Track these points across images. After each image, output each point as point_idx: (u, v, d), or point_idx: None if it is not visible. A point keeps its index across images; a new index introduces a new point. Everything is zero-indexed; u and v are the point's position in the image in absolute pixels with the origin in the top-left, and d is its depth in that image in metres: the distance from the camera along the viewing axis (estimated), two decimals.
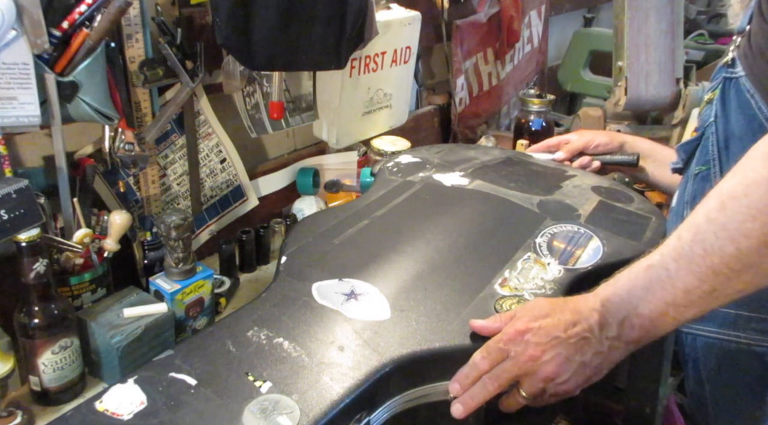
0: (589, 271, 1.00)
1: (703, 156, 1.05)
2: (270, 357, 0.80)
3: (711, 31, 2.81)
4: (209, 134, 1.32)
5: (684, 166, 1.14)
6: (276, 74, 1.35)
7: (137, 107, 1.15)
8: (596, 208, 1.19)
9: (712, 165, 1.02)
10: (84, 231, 1.05)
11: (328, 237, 1.07)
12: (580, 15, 2.80)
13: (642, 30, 1.74)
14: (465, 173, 1.31)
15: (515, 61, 2.33)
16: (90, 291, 1.09)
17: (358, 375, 0.78)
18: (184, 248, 1.10)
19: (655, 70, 1.75)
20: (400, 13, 1.60)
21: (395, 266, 0.99)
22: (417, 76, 1.95)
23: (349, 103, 1.53)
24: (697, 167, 1.06)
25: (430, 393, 0.85)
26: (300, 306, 0.90)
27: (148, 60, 1.12)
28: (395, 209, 1.16)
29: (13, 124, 0.94)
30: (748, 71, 0.95)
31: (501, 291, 0.94)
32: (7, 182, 0.91)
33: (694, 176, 1.07)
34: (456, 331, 0.86)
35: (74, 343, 0.98)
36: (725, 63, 1.02)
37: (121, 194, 1.19)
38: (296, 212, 1.51)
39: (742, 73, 0.96)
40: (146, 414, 0.72)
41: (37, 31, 0.92)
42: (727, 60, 1.01)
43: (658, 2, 1.73)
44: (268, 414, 0.72)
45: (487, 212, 1.16)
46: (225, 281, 1.29)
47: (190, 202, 1.33)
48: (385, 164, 1.36)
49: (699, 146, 1.08)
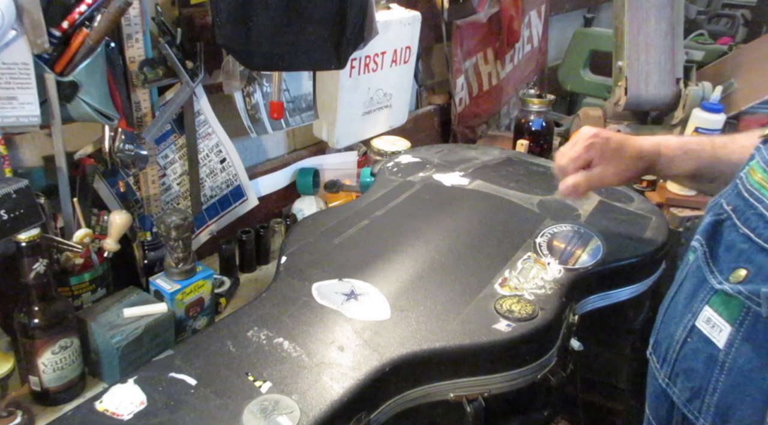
0: (589, 271, 1.01)
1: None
2: (270, 357, 0.80)
3: (711, 31, 2.81)
4: (209, 134, 1.32)
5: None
6: (276, 74, 1.35)
7: (137, 107, 1.15)
8: (596, 208, 1.19)
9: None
10: (84, 231, 1.05)
11: (328, 237, 1.07)
12: (580, 15, 2.80)
13: (642, 30, 1.74)
14: (465, 173, 1.32)
15: (515, 61, 2.33)
16: (90, 291, 1.09)
17: (358, 375, 0.78)
18: (184, 248, 1.10)
19: (655, 70, 1.76)
20: (400, 13, 1.60)
21: (395, 266, 0.99)
22: (417, 76, 1.95)
23: (348, 103, 1.53)
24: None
25: (430, 393, 0.85)
26: (300, 306, 0.90)
27: (148, 60, 1.12)
28: (395, 209, 1.17)
29: (13, 124, 0.94)
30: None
31: (501, 291, 0.94)
32: (7, 182, 0.91)
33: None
34: (456, 331, 0.86)
35: (74, 343, 0.98)
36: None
37: (121, 194, 1.19)
38: (296, 212, 1.51)
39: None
40: (146, 414, 0.72)
41: (37, 31, 0.92)
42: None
43: (658, 2, 1.73)
44: (268, 414, 0.72)
45: (487, 212, 1.17)
46: (225, 281, 1.29)
47: (190, 202, 1.33)
48: (385, 164, 1.36)
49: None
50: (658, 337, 0.92)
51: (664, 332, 0.90)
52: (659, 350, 0.90)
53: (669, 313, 0.90)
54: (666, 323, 0.90)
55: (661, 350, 0.90)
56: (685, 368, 0.84)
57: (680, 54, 1.77)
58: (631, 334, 1.22)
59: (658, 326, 0.93)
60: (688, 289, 0.85)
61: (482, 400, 0.85)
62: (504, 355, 0.86)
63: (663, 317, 0.92)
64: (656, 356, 0.91)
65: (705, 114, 1.65)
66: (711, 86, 1.71)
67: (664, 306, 0.92)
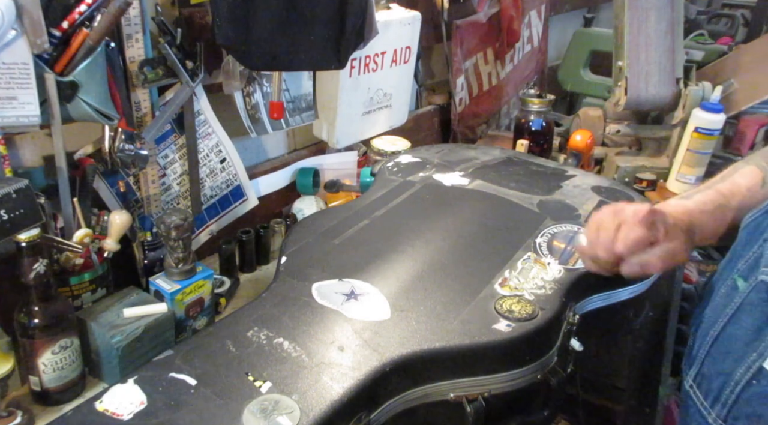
0: (588, 271, 1.00)
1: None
2: (270, 357, 0.80)
3: (711, 31, 2.81)
4: (209, 134, 1.32)
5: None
6: (276, 74, 1.35)
7: (137, 107, 1.15)
8: (596, 208, 1.19)
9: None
10: (84, 231, 1.05)
11: (328, 237, 1.07)
12: (580, 15, 2.80)
13: (642, 30, 1.74)
14: (465, 173, 1.32)
15: (515, 61, 2.33)
16: (90, 291, 1.09)
17: (358, 375, 0.78)
18: (184, 248, 1.10)
19: (655, 70, 1.76)
20: (400, 13, 1.60)
21: (395, 266, 0.99)
22: (417, 76, 1.95)
23: (348, 103, 1.53)
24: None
25: (430, 393, 0.85)
26: (300, 306, 0.90)
27: (148, 60, 1.12)
28: (395, 209, 1.17)
29: (13, 124, 0.94)
30: None
31: (501, 291, 0.94)
32: (7, 182, 0.91)
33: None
34: (456, 331, 0.86)
35: (74, 343, 0.98)
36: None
37: (121, 194, 1.19)
38: (296, 212, 1.51)
39: None
40: (146, 414, 0.72)
41: (37, 31, 0.92)
42: None
43: (658, 2, 1.73)
44: (268, 414, 0.72)
45: (487, 212, 1.17)
46: (225, 281, 1.29)
47: (190, 202, 1.33)
48: (385, 164, 1.36)
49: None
50: (703, 370, 0.86)
51: (714, 367, 0.84)
52: (707, 386, 0.84)
53: (721, 346, 0.83)
54: (718, 357, 0.84)
55: (710, 387, 0.84)
56: (749, 413, 0.78)
57: (680, 54, 1.77)
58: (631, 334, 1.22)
59: (703, 357, 0.87)
60: (749, 324, 0.80)
61: (482, 400, 0.85)
62: (504, 355, 0.86)
63: (710, 349, 0.85)
64: (702, 391, 0.85)
65: (705, 114, 1.65)
66: (711, 86, 1.71)
67: (710, 336, 0.86)
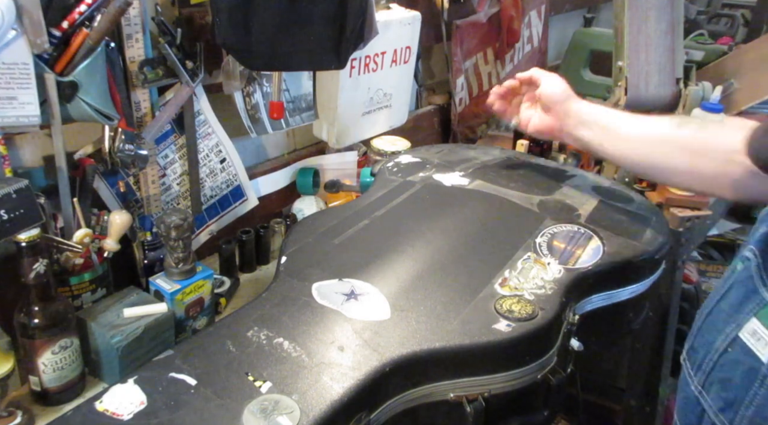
0: (589, 271, 1.00)
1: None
2: (270, 357, 0.80)
3: (711, 31, 2.81)
4: (209, 134, 1.32)
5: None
6: (276, 74, 1.35)
7: (137, 107, 1.15)
8: (596, 208, 1.19)
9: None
10: (84, 231, 1.05)
11: (328, 237, 1.07)
12: (580, 15, 2.80)
13: (642, 30, 1.74)
14: (465, 173, 1.31)
15: (515, 61, 2.32)
16: (90, 291, 1.09)
17: (358, 375, 0.78)
18: (184, 248, 1.10)
19: (655, 70, 1.75)
20: (400, 13, 1.60)
21: (395, 266, 0.99)
22: (417, 76, 1.95)
23: (348, 103, 1.53)
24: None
25: (430, 393, 0.85)
26: (300, 306, 0.90)
27: (148, 60, 1.12)
28: (395, 209, 1.16)
29: (13, 124, 0.94)
30: None
31: (501, 291, 0.94)
32: (7, 182, 0.91)
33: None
34: (456, 331, 0.86)
35: (74, 343, 0.98)
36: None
37: (121, 194, 1.19)
38: (296, 212, 1.51)
39: None
40: (146, 414, 0.72)
41: (37, 31, 0.92)
42: None
43: (658, 2, 1.73)
44: (268, 414, 0.72)
45: (487, 212, 1.16)
46: (225, 281, 1.29)
47: (190, 202, 1.33)
48: (385, 164, 1.36)
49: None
50: (694, 343, 0.90)
51: (702, 339, 0.87)
52: (695, 357, 0.88)
53: (709, 321, 0.87)
54: (705, 330, 0.87)
55: (696, 357, 0.87)
56: (722, 377, 0.81)
57: (680, 54, 1.77)
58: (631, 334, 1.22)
59: (695, 332, 0.90)
60: (734, 298, 0.83)
61: (482, 400, 0.85)
62: (504, 355, 0.86)
63: (702, 324, 0.89)
64: (690, 362, 0.89)
65: (705, 114, 1.65)
66: (711, 86, 1.71)
67: (703, 313, 0.90)
